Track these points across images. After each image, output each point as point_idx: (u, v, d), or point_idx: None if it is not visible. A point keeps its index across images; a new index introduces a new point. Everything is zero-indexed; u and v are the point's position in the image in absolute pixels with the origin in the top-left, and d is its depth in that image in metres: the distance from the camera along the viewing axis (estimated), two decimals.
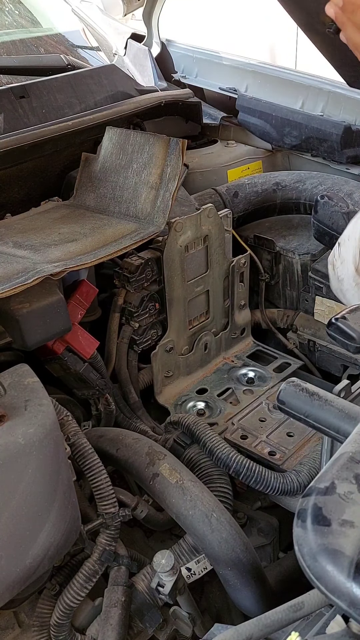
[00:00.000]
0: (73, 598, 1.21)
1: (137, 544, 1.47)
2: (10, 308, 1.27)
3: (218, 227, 1.73)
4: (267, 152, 2.28)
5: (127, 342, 1.67)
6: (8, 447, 1.00)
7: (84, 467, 1.23)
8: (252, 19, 5.40)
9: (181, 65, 2.49)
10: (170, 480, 1.28)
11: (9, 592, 1.08)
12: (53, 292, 1.32)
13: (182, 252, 1.65)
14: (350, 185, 1.92)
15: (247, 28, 5.39)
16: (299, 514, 0.66)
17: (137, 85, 2.10)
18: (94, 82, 1.95)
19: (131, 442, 1.39)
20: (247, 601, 1.22)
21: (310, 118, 2.08)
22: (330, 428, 0.92)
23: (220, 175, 2.17)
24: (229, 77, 2.35)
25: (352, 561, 0.60)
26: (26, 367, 1.16)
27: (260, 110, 2.19)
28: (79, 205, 1.68)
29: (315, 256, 1.89)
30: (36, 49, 2.27)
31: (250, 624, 0.74)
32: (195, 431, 1.45)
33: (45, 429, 1.05)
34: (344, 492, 0.66)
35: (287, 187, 2.01)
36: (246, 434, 1.58)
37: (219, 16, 5.50)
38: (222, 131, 2.33)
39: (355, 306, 1.11)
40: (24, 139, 1.63)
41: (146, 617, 1.23)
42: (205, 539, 1.22)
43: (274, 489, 1.36)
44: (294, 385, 0.98)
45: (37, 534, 1.07)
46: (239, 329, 1.95)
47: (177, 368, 1.77)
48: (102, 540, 1.24)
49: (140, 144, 1.61)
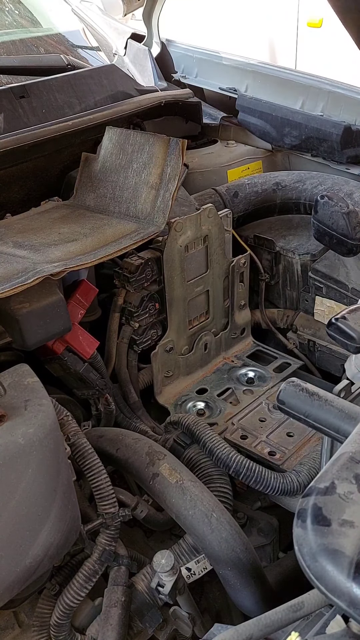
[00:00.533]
0: (73, 598, 1.21)
1: (137, 544, 1.47)
2: (10, 308, 1.27)
3: (218, 227, 1.73)
4: (267, 152, 2.28)
5: (127, 342, 1.67)
6: (8, 447, 1.00)
7: (84, 467, 1.23)
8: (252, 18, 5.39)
9: (181, 65, 2.49)
10: (170, 480, 1.28)
11: (9, 592, 1.08)
12: (53, 292, 1.32)
13: (182, 252, 1.65)
14: (350, 185, 1.92)
15: (247, 28, 5.39)
16: (299, 514, 0.66)
17: (137, 85, 2.10)
18: (94, 82, 1.95)
19: (131, 442, 1.39)
20: (247, 601, 1.22)
21: (310, 118, 2.08)
22: (330, 428, 0.92)
23: (220, 175, 2.17)
24: (229, 77, 2.35)
25: (352, 561, 0.60)
26: (26, 367, 1.16)
27: (260, 110, 2.19)
28: (79, 205, 1.68)
29: (315, 256, 1.89)
30: (36, 49, 2.27)
31: (250, 624, 0.74)
32: (195, 431, 1.45)
33: (45, 429, 1.05)
34: (344, 492, 0.66)
35: (287, 187, 2.01)
36: (246, 434, 1.58)
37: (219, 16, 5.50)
38: (222, 131, 2.33)
39: (355, 306, 1.11)
40: (24, 139, 1.63)
41: (146, 617, 1.23)
42: (205, 539, 1.22)
43: (274, 489, 1.36)
44: (294, 385, 0.98)
45: (37, 534, 1.07)
46: (239, 329, 1.95)
47: (177, 368, 1.77)
48: (102, 540, 1.24)
49: (140, 144, 1.61)
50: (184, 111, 2.20)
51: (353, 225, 1.65)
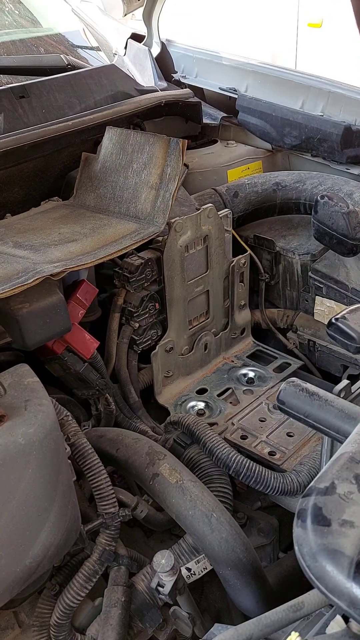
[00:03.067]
0: (73, 598, 1.21)
1: (137, 544, 1.47)
2: (10, 308, 1.27)
3: (218, 227, 1.73)
4: (267, 152, 2.28)
5: (127, 342, 1.67)
6: (8, 447, 1.00)
7: (84, 467, 1.23)
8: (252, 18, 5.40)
9: (181, 65, 2.49)
10: (170, 480, 1.28)
11: (9, 592, 1.08)
12: (53, 292, 1.32)
13: (182, 252, 1.65)
14: (350, 185, 1.92)
15: (247, 28, 5.39)
16: (299, 514, 0.66)
17: (137, 85, 2.10)
18: (94, 82, 1.95)
19: (131, 442, 1.39)
20: (247, 601, 1.22)
21: (310, 118, 2.08)
22: (330, 428, 0.92)
23: (220, 175, 2.17)
24: (229, 77, 2.35)
25: (352, 561, 0.60)
26: (26, 367, 1.16)
27: (260, 110, 2.19)
28: (79, 205, 1.68)
29: (315, 256, 1.89)
30: (36, 49, 2.27)
31: (250, 624, 0.74)
32: (195, 431, 1.45)
33: (45, 429, 1.05)
34: (344, 492, 0.66)
35: (287, 187, 2.01)
36: (246, 434, 1.58)
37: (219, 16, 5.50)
38: (222, 131, 2.33)
39: (355, 306, 1.11)
40: (24, 139, 1.63)
41: (146, 617, 1.23)
42: (205, 539, 1.22)
43: (274, 489, 1.36)
44: (294, 385, 0.98)
45: (37, 534, 1.07)
46: (239, 329, 1.95)
47: (177, 368, 1.77)
48: (102, 540, 1.24)
49: (140, 144, 1.61)
50: (184, 111, 2.20)
51: (353, 225, 1.65)
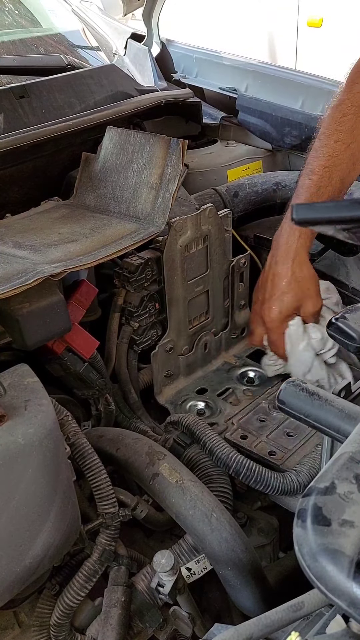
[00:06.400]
0: (73, 598, 1.21)
1: (137, 544, 1.47)
2: (10, 308, 1.27)
3: (218, 227, 1.73)
4: (267, 152, 2.27)
5: (127, 342, 1.67)
6: (8, 447, 1.00)
7: (84, 467, 1.23)
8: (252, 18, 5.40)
9: (181, 65, 2.49)
10: (170, 480, 1.28)
11: (9, 592, 1.08)
12: (53, 292, 1.32)
13: (182, 252, 1.65)
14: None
15: (247, 28, 5.39)
16: (299, 513, 0.66)
17: (137, 85, 2.10)
18: (94, 82, 1.95)
19: (131, 442, 1.39)
20: (247, 601, 1.22)
21: (310, 118, 2.08)
22: (330, 428, 0.92)
23: (220, 175, 2.17)
24: (229, 77, 2.35)
25: (352, 561, 0.61)
26: (26, 367, 1.16)
27: (260, 110, 2.19)
28: (79, 205, 1.68)
29: (315, 256, 1.88)
30: (36, 49, 2.27)
31: (250, 624, 0.74)
32: (195, 431, 1.45)
33: (45, 429, 1.05)
34: (344, 492, 0.66)
35: (287, 187, 2.01)
36: (246, 434, 1.58)
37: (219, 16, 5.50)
38: (222, 131, 2.33)
39: (355, 306, 1.11)
40: (24, 139, 1.63)
41: (146, 617, 1.23)
42: (205, 538, 1.22)
43: (274, 488, 1.36)
44: (294, 385, 0.98)
45: (37, 534, 1.07)
46: (239, 329, 1.94)
47: (177, 368, 1.77)
48: (102, 540, 1.24)
49: (140, 144, 1.61)
50: (184, 111, 2.19)
51: None
